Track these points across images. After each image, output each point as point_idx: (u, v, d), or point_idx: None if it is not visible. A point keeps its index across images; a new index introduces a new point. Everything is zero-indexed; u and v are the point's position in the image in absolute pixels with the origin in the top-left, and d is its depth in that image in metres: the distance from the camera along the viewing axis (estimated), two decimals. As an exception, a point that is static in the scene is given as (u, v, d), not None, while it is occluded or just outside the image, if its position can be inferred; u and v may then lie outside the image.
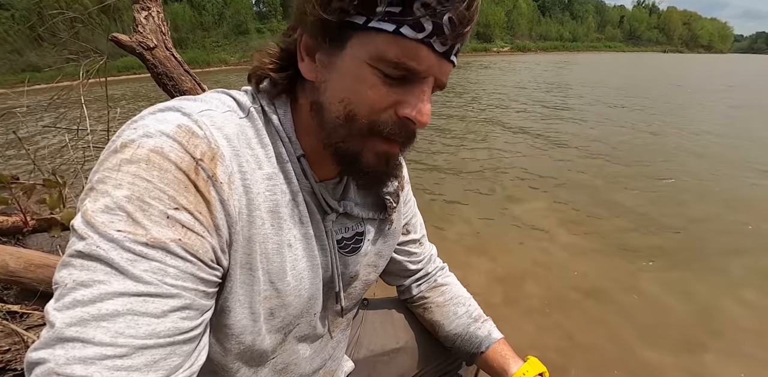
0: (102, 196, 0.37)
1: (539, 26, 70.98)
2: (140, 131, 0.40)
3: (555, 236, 2.43)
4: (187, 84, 1.75)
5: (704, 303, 1.78)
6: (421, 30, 0.40)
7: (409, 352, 0.85)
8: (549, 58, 29.17)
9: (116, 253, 0.35)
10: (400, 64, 0.42)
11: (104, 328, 0.33)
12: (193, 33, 42.21)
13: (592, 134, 5.03)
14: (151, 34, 1.72)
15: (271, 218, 0.48)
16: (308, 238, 0.53)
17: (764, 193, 3.00)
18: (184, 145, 0.40)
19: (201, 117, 0.43)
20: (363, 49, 0.43)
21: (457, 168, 3.86)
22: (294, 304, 0.54)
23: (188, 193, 0.39)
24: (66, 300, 0.34)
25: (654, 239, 2.38)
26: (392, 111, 0.45)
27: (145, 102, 10.39)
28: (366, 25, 0.42)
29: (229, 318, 0.48)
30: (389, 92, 0.44)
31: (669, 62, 24.39)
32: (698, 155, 4.07)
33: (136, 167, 0.38)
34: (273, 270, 0.50)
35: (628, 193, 3.08)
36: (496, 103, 7.67)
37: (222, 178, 0.42)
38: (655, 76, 13.26)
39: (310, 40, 0.47)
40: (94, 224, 0.36)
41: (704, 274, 2.00)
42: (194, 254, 0.39)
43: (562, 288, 1.89)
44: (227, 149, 0.43)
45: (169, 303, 0.36)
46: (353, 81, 0.44)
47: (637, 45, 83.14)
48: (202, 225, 0.40)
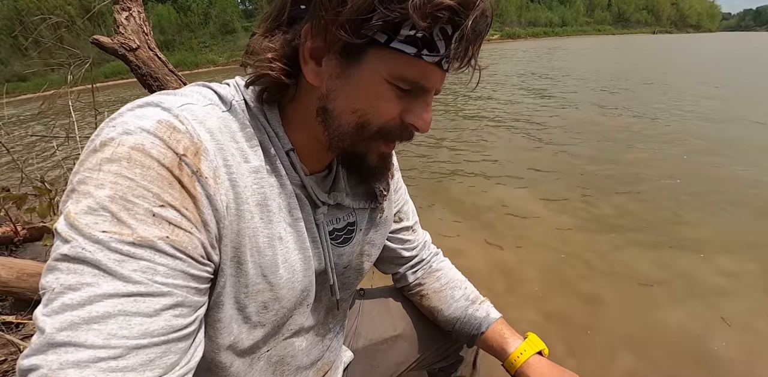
0: (84, 197, 0.36)
1: (528, 12, 70.70)
2: (119, 128, 0.38)
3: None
4: (173, 84, 1.72)
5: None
6: (437, 53, 0.44)
7: (407, 339, 0.85)
8: (536, 45, 29.00)
9: (103, 254, 0.34)
10: (416, 84, 0.46)
11: (96, 330, 0.33)
12: (179, 35, 41.85)
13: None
14: (133, 35, 1.68)
15: (260, 212, 0.48)
16: (299, 231, 0.53)
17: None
18: (166, 141, 0.39)
19: (182, 111, 0.42)
20: (383, 67, 0.44)
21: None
22: (287, 297, 0.54)
23: (173, 190, 0.38)
24: (54, 304, 0.33)
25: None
26: (399, 118, 0.48)
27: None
28: (388, 44, 0.43)
29: (220, 312, 0.48)
30: (398, 104, 0.47)
31: (657, 45, 24.35)
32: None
33: (117, 165, 0.37)
34: (265, 264, 0.49)
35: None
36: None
37: (207, 173, 0.41)
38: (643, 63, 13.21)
39: (320, 44, 0.46)
40: (77, 226, 0.35)
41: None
42: (183, 251, 0.38)
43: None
44: (211, 143, 0.43)
45: (160, 301, 0.36)
46: (371, 95, 0.46)
47: (626, 27, 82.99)
48: (189, 221, 0.39)
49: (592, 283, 1.82)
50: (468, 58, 0.46)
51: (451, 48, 0.43)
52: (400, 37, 0.43)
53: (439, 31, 0.42)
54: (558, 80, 8.48)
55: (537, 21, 70.24)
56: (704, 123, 4.49)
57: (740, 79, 7.48)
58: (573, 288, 1.80)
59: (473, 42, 0.44)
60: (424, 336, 0.86)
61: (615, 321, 1.58)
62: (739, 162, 3.21)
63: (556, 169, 3.32)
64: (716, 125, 4.42)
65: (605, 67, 10.16)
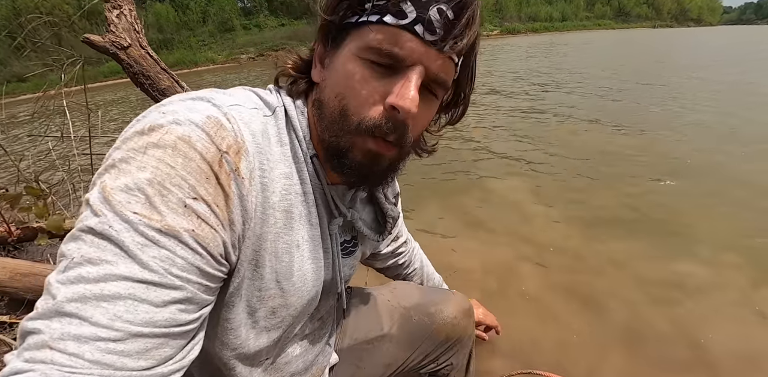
0: (123, 175, 0.37)
1: (528, 7, 70.25)
2: (169, 116, 0.40)
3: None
4: (165, 82, 1.71)
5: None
6: (403, 17, 0.43)
7: (394, 340, 0.84)
8: (535, 41, 28.86)
9: (128, 235, 0.35)
10: (382, 50, 0.44)
11: (103, 309, 0.33)
12: (178, 33, 41.70)
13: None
14: (124, 33, 1.67)
15: (285, 218, 0.49)
16: (315, 240, 0.54)
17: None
18: (212, 136, 0.40)
19: (230, 110, 0.43)
20: (354, 44, 0.46)
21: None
22: (295, 305, 0.54)
23: (209, 184, 0.39)
24: (70, 273, 0.34)
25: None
26: (381, 105, 0.45)
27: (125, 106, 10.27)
28: (357, 22, 0.45)
29: (230, 312, 0.49)
30: (377, 85, 0.45)
31: (658, 40, 24.17)
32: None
33: (162, 151, 0.38)
34: (281, 270, 0.50)
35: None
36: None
37: (244, 173, 0.42)
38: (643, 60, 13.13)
39: (321, 48, 0.51)
40: (111, 201, 0.36)
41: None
42: (205, 247, 0.39)
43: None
44: (252, 144, 0.44)
45: (170, 293, 0.36)
46: (344, 75, 0.46)
47: (626, 22, 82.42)
48: (217, 218, 0.40)
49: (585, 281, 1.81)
50: (453, 29, 0.43)
51: (429, 13, 0.42)
52: (367, 10, 0.44)
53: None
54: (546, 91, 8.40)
55: (537, 16, 69.85)
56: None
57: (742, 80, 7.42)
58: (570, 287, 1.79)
59: (457, 11, 0.43)
60: (410, 336, 0.85)
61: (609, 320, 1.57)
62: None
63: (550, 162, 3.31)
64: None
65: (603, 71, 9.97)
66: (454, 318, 0.88)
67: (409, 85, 0.44)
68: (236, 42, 42.40)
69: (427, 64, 0.45)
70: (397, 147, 0.49)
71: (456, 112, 0.58)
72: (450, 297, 0.91)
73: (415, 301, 0.89)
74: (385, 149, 0.48)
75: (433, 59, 0.45)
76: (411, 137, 0.49)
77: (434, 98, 0.50)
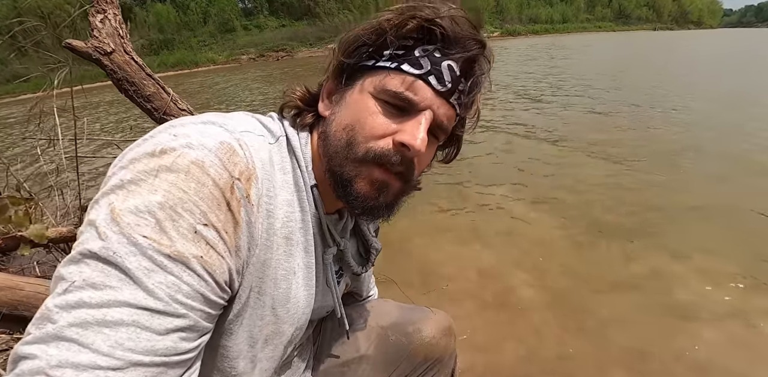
0: (133, 196, 0.36)
1: (528, 9, 70.33)
2: (182, 140, 0.39)
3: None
4: (150, 88, 1.68)
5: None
6: (419, 68, 0.48)
7: (370, 361, 0.83)
8: (532, 42, 28.90)
9: (135, 259, 0.34)
10: (399, 94, 0.48)
11: (105, 335, 0.32)
12: (178, 33, 41.72)
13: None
14: (108, 38, 1.64)
15: (285, 245, 0.49)
16: (309, 267, 0.54)
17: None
18: (225, 162, 0.40)
19: (242, 136, 0.44)
20: (370, 84, 0.50)
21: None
22: (287, 333, 0.54)
23: (220, 211, 0.39)
24: (70, 297, 0.33)
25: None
26: (390, 139, 0.48)
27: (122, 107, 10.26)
28: (374, 65, 0.50)
29: (229, 339, 0.48)
30: (389, 122, 0.48)
31: (660, 43, 24.20)
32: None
33: (175, 176, 0.37)
34: (278, 296, 0.50)
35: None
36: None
37: (254, 199, 0.43)
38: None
39: (331, 85, 0.55)
40: (120, 223, 0.35)
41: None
42: (211, 274, 0.39)
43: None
44: (261, 171, 0.45)
45: (173, 321, 0.36)
46: (357, 110, 0.49)
47: (627, 24, 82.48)
48: (225, 245, 0.40)
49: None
50: (459, 83, 0.49)
51: (441, 67, 0.47)
52: (384, 57, 0.49)
53: (422, 50, 0.48)
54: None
55: (537, 18, 69.90)
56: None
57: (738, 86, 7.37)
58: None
59: (465, 69, 0.49)
60: (388, 357, 0.83)
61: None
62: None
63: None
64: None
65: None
66: (432, 337, 0.85)
67: (420, 127, 0.48)
68: (237, 43, 42.41)
69: (435, 111, 0.49)
70: (402, 182, 0.51)
71: (451, 152, 0.63)
72: (429, 316, 0.88)
73: (393, 320, 0.86)
74: (392, 180, 0.50)
75: (440, 107, 0.50)
76: (415, 174, 0.52)
77: (436, 141, 0.55)
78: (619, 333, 1.49)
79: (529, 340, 1.48)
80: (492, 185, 3.05)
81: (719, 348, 1.39)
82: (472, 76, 0.51)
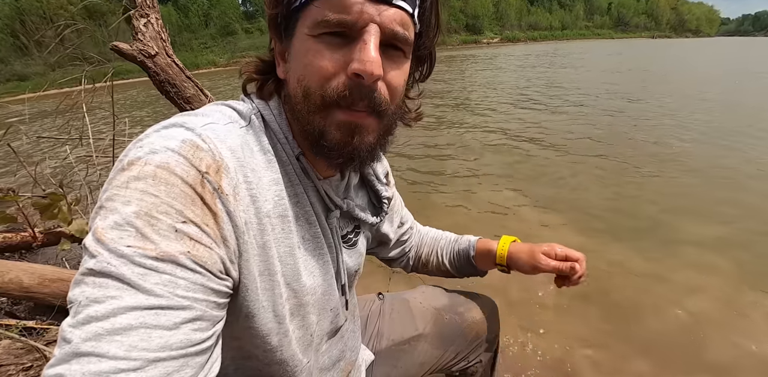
0: (111, 213, 0.37)
1: (528, 16, 70.87)
2: (146, 148, 0.40)
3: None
4: (189, 91, 1.73)
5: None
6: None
7: (428, 339, 0.88)
8: (530, 49, 28.97)
9: (127, 268, 0.35)
10: (329, 21, 0.43)
11: (118, 342, 0.33)
12: (180, 36, 41.86)
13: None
14: (152, 42, 1.69)
15: (282, 223, 0.49)
16: (317, 237, 0.55)
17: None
18: (190, 159, 0.40)
19: (204, 131, 0.44)
20: (303, 25, 0.45)
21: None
22: (311, 302, 0.55)
23: (195, 206, 0.40)
24: (80, 316, 0.34)
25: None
26: (343, 75, 0.44)
27: (149, 108, 10.25)
28: (302, 3, 0.45)
29: (254, 321, 0.49)
30: (335, 57, 0.44)
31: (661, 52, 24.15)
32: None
33: (144, 183, 0.38)
34: (287, 273, 0.51)
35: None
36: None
37: (227, 190, 0.42)
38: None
39: (277, 44, 0.51)
40: (104, 240, 0.36)
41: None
42: (203, 266, 0.39)
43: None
44: (231, 160, 0.44)
45: (180, 314, 0.37)
46: (302, 57, 0.46)
47: (625, 31, 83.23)
48: (209, 237, 0.40)
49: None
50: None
51: None
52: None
53: None
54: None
55: (537, 25, 70.46)
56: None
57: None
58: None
59: None
60: (443, 335, 0.89)
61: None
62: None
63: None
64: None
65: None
66: (482, 316, 0.91)
67: (367, 47, 0.42)
68: (238, 45, 42.55)
69: (380, 22, 0.43)
70: (375, 115, 0.47)
71: (423, 68, 0.56)
72: (476, 298, 0.95)
73: (445, 302, 0.92)
74: (360, 118, 0.46)
75: (386, 14, 0.43)
76: (388, 102, 0.47)
77: (401, 56, 0.48)
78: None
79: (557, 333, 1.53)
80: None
81: None
82: None
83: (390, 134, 0.53)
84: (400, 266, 0.93)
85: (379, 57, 0.43)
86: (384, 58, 0.45)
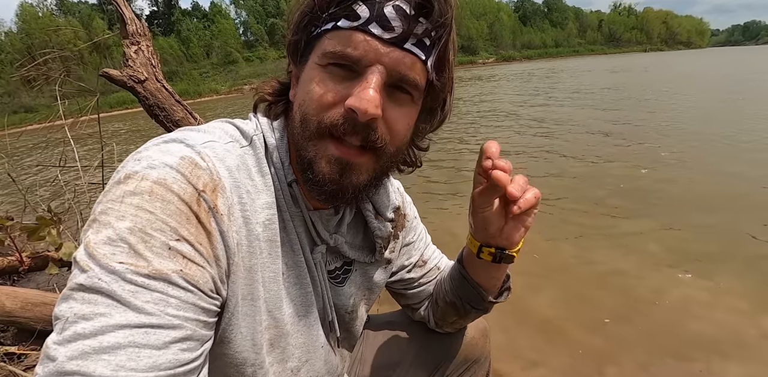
0: (104, 228, 0.36)
1: (522, 36, 72.50)
2: (144, 162, 0.40)
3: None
4: (178, 114, 1.76)
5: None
6: (356, 19, 0.43)
7: (413, 365, 0.83)
8: (524, 68, 29.38)
9: (118, 285, 0.34)
10: (337, 53, 0.43)
11: (105, 361, 0.32)
12: (182, 65, 43.02)
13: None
14: (142, 68, 1.74)
15: (269, 247, 0.48)
16: (300, 267, 0.53)
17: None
18: (187, 176, 0.40)
19: (204, 148, 0.43)
20: (314, 53, 0.46)
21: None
22: (293, 333, 0.53)
23: (189, 224, 0.39)
24: (66, 333, 0.33)
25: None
26: (341, 106, 0.44)
27: (139, 136, 10.43)
28: (317, 33, 0.46)
29: (228, 348, 0.47)
30: (337, 87, 0.44)
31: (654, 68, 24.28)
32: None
33: (140, 198, 0.37)
34: (270, 299, 0.49)
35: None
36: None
37: (222, 209, 0.42)
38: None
39: (294, 68, 0.51)
40: (95, 255, 0.35)
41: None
42: (195, 285, 0.38)
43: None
44: (228, 180, 0.43)
45: (170, 334, 0.35)
46: (307, 83, 0.46)
47: (618, 46, 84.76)
48: (202, 256, 0.39)
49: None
50: (415, 24, 0.42)
51: (384, 11, 0.42)
52: (324, 20, 0.45)
53: (360, 1, 0.43)
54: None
55: (531, 44, 71.95)
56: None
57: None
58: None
59: (416, 5, 0.42)
60: (430, 358, 0.84)
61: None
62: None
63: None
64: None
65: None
66: (471, 338, 0.87)
67: (366, 85, 0.42)
68: (239, 73, 43.59)
69: (387, 63, 0.43)
70: (371, 153, 0.46)
71: (435, 118, 0.54)
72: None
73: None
74: (352, 155, 0.45)
75: (394, 56, 0.43)
76: (387, 142, 0.46)
77: (409, 99, 0.47)
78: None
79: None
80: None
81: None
82: (432, 13, 0.43)
83: (386, 176, 0.52)
84: (418, 316, 0.81)
85: (378, 97, 0.42)
86: (388, 98, 0.45)
